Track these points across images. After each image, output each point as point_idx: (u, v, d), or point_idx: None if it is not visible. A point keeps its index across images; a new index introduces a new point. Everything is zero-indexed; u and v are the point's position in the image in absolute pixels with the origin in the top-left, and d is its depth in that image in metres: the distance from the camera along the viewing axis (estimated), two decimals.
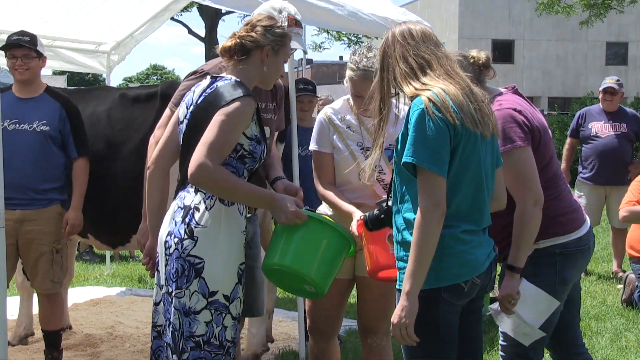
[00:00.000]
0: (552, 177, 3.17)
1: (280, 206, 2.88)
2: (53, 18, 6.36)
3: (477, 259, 2.62)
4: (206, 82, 3.01)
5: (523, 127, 3.05)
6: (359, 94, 3.42)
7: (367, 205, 3.34)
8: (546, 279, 3.10)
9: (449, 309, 2.61)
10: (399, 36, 2.70)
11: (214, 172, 2.76)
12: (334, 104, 3.64)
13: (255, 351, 4.68)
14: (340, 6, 4.76)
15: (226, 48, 3.01)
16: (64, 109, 4.49)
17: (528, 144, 3.04)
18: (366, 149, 3.47)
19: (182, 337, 2.85)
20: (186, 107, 3.02)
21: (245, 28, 3.03)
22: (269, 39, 3.00)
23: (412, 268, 2.51)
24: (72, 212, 4.45)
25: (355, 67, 3.42)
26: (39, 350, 4.96)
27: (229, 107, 2.82)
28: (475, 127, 2.57)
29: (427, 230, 2.49)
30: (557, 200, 3.16)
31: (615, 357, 4.84)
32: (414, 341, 2.55)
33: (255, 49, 3.00)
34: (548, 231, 3.09)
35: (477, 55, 3.22)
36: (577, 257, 3.18)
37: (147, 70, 70.65)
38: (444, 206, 2.51)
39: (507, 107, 3.10)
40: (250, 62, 3.01)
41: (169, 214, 2.96)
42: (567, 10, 19.81)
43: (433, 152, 2.50)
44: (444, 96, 2.53)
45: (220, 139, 2.79)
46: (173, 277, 2.85)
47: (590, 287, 6.81)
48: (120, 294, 6.78)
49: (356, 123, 3.52)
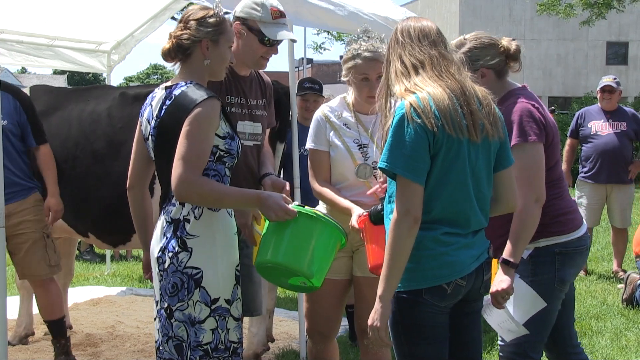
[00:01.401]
0: (557, 178, 3.19)
1: (268, 204, 2.85)
2: (53, 17, 6.36)
3: (460, 261, 2.60)
4: (162, 94, 2.91)
5: (539, 124, 3.05)
6: (366, 76, 3.39)
7: (365, 203, 3.34)
8: (545, 278, 3.12)
9: (432, 310, 2.60)
10: (399, 34, 2.70)
11: (197, 186, 2.73)
12: (330, 102, 3.63)
13: (256, 350, 4.68)
14: (340, 7, 4.75)
15: (165, 51, 2.92)
16: (17, 100, 4.47)
17: (541, 141, 3.04)
18: (363, 145, 3.47)
19: (190, 348, 2.85)
20: (147, 122, 2.94)
21: (179, 26, 2.92)
22: (203, 32, 2.89)
23: (385, 272, 2.53)
24: (51, 199, 4.50)
25: (357, 53, 3.39)
26: (39, 350, 4.97)
27: (195, 115, 2.75)
28: (459, 133, 2.54)
29: (397, 235, 2.50)
30: (559, 200, 3.17)
31: (616, 356, 4.84)
32: (387, 344, 2.58)
33: (193, 46, 2.90)
34: (549, 230, 3.10)
35: (507, 44, 3.19)
36: (576, 257, 3.19)
37: (147, 70, 70.59)
38: (416, 213, 2.50)
39: (525, 101, 3.10)
40: (193, 60, 2.92)
41: (158, 230, 2.92)
42: (567, 11, 19.82)
43: (409, 159, 2.49)
44: (427, 101, 2.51)
45: (195, 150, 2.74)
46: (170, 292, 2.83)
47: (590, 286, 6.81)
48: (121, 293, 6.78)
49: (353, 120, 3.51)
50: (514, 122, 3.02)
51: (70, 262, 5.65)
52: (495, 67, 3.17)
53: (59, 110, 5.02)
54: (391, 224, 2.52)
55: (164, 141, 2.86)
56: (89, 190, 4.76)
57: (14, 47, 6.63)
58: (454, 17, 37.10)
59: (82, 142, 4.84)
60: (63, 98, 5.12)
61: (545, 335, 3.22)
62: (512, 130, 3.01)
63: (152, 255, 2.93)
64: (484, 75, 3.13)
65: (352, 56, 3.42)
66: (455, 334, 2.71)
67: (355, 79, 3.42)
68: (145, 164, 3.06)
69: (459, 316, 2.70)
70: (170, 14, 7.23)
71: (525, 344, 3.17)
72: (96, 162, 4.73)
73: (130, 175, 3.09)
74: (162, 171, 2.93)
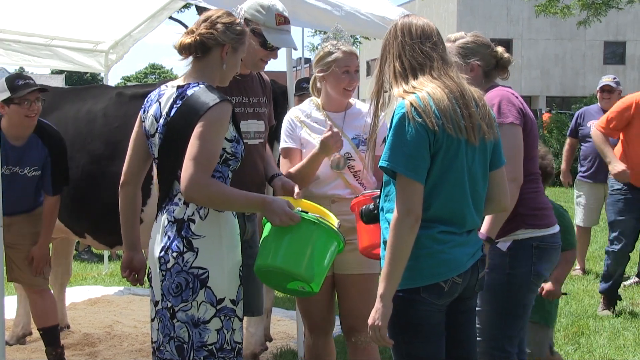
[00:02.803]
0: (535, 173, 3.31)
1: (273, 209, 2.86)
2: (51, 17, 6.35)
3: (456, 259, 2.61)
4: (172, 92, 2.91)
5: (518, 109, 3.17)
6: (348, 68, 3.56)
7: (343, 196, 3.51)
8: (522, 271, 3.21)
9: (429, 308, 2.61)
10: (399, 31, 2.69)
11: (208, 188, 2.74)
12: (300, 105, 3.78)
13: (254, 350, 4.68)
14: (337, 7, 4.75)
15: (185, 45, 2.91)
16: (46, 148, 4.50)
17: (520, 124, 3.15)
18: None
19: (193, 349, 2.84)
20: (155, 119, 2.93)
21: (205, 25, 2.92)
22: (229, 37, 2.91)
23: (386, 271, 2.54)
24: (37, 249, 4.51)
25: (336, 48, 3.57)
26: (37, 350, 4.96)
27: (208, 118, 2.77)
28: (458, 133, 2.55)
29: (399, 234, 2.51)
30: (537, 194, 3.30)
31: (613, 355, 4.84)
32: (388, 343, 2.58)
33: (215, 47, 2.91)
34: (527, 222, 3.21)
35: (501, 51, 3.32)
36: (551, 252, 3.29)
37: (145, 70, 70.45)
38: (417, 212, 2.51)
39: (505, 90, 3.24)
40: (210, 60, 2.93)
41: (158, 229, 2.91)
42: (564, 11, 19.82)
43: (410, 158, 2.50)
44: (427, 101, 2.52)
45: (206, 152, 2.76)
46: (174, 292, 2.82)
47: (588, 285, 6.82)
48: (118, 293, 6.77)
49: (323, 118, 3.63)
50: (493, 105, 3.09)
51: (67, 262, 5.66)
52: (484, 66, 3.27)
53: (56, 110, 5.01)
54: (392, 223, 2.53)
55: (172, 140, 2.86)
56: (85, 190, 4.75)
57: (12, 46, 6.62)
58: (451, 17, 37.12)
59: (78, 142, 4.83)
60: (60, 98, 5.11)
61: (522, 328, 3.29)
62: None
63: (152, 255, 2.92)
64: (473, 70, 3.23)
65: (330, 51, 3.58)
66: (451, 332, 2.72)
67: (335, 72, 3.56)
68: (142, 161, 3.06)
69: (455, 314, 2.71)
70: (168, 14, 7.23)
71: (502, 338, 3.22)
72: (93, 162, 4.72)
73: (125, 171, 3.09)
74: (164, 170, 2.92)
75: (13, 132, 4.44)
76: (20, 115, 4.37)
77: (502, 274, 3.19)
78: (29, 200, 4.57)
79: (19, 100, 4.33)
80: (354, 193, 3.51)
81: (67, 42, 7.00)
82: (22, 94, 4.33)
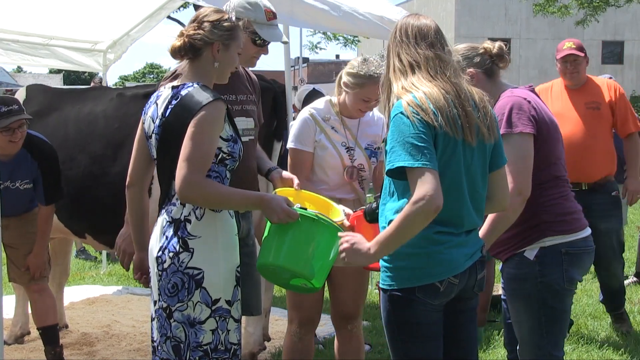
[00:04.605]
0: (560, 177, 3.17)
1: (271, 207, 2.85)
2: (49, 16, 6.35)
3: (453, 259, 2.60)
4: (168, 93, 2.91)
5: (529, 116, 3.05)
6: (368, 99, 3.55)
7: (347, 199, 3.56)
8: (554, 278, 3.08)
9: (425, 308, 2.61)
10: (398, 32, 2.71)
11: (202, 188, 2.74)
12: (315, 104, 3.71)
13: (252, 350, 4.68)
14: (336, 6, 4.75)
15: (176, 49, 2.92)
16: (35, 162, 4.49)
17: (530, 131, 3.03)
18: (350, 148, 3.62)
19: (189, 349, 2.84)
20: (152, 120, 2.93)
21: (192, 26, 2.92)
22: (217, 35, 2.89)
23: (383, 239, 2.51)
24: (33, 258, 4.53)
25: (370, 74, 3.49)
26: (35, 349, 4.96)
27: (201, 117, 2.76)
28: (455, 133, 2.54)
29: (411, 215, 2.44)
30: (564, 199, 3.16)
31: (612, 355, 4.85)
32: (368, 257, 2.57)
33: (205, 47, 2.90)
34: (554, 228, 3.09)
35: (488, 46, 3.20)
36: (583, 257, 3.16)
37: (143, 69, 70.49)
38: (437, 202, 2.43)
39: (518, 95, 3.12)
40: (203, 61, 2.92)
41: (157, 229, 2.92)
42: (562, 11, 19.86)
43: (414, 148, 2.47)
44: (424, 99, 2.52)
45: (200, 152, 2.74)
46: (169, 292, 2.83)
47: (586, 285, 6.82)
48: (117, 292, 6.77)
49: (340, 124, 3.63)
50: (503, 114, 3.03)
51: (66, 262, 5.66)
52: (480, 66, 3.18)
53: (56, 110, 5.02)
54: (406, 206, 2.46)
55: (168, 140, 2.86)
56: (85, 190, 4.76)
57: (10, 46, 6.62)
58: (449, 17, 37.13)
59: (79, 142, 4.83)
60: (59, 98, 5.11)
61: (565, 331, 3.21)
62: (502, 121, 3.02)
63: (151, 255, 2.92)
64: (474, 77, 3.12)
65: (365, 74, 3.51)
66: (450, 331, 2.72)
67: (357, 94, 3.55)
68: (147, 162, 3.05)
69: (454, 314, 2.71)
70: (166, 13, 7.22)
71: (547, 345, 3.14)
72: (93, 163, 4.72)
73: (130, 173, 3.08)
74: (163, 170, 2.92)
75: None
76: (4, 141, 4.36)
77: (533, 283, 3.09)
78: (24, 206, 4.60)
79: (1, 129, 4.31)
80: (357, 197, 3.62)
81: (65, 41, 7.00)
82: (4, 124, 4.30)
